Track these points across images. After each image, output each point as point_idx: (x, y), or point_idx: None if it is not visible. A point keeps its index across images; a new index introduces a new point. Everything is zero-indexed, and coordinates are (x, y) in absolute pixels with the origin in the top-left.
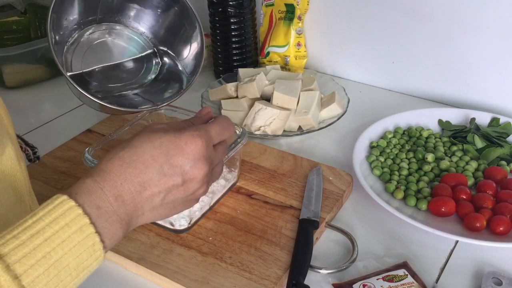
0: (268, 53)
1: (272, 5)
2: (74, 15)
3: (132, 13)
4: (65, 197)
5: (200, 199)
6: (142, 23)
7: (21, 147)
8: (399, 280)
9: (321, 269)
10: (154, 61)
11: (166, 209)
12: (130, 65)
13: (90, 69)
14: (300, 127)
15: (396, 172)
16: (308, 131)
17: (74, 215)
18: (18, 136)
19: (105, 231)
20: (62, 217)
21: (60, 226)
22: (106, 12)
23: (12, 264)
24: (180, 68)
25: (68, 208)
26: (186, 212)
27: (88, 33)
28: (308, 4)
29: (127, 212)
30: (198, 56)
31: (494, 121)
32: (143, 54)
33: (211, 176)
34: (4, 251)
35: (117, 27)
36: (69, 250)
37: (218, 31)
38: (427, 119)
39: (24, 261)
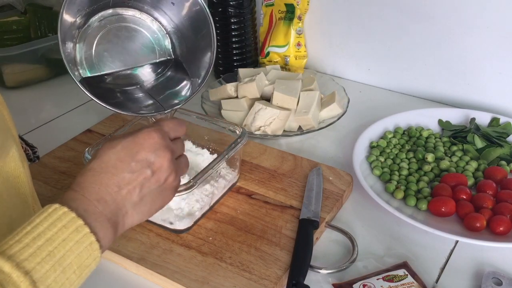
0: (268, 53)
1: (272, 5)
2: (85, 6)
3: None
4: (56, 205)
5: (200, 199)
6: (159, 11)
7: (21, 146)
8: (399, 280)
9: (321, 269)
10: (165, 43)
11: (146, 203)
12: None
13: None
14: (300, 127)
15: (396, 172)
16: (308, 131)
17: (69, 218)
18: (19, 136)
19: (98, 230)
20: (58, 220)
21: (58, 228)
22: None
23: (21, 262)
24: (187, 72)
25: (62, 213)
26: (186, 209)
27: (98, 19)
28: (308, 4)
29: (112, 212)
30: (207, 65)
31: (494, 121)
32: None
33: (177, 165)
34: (11, 253)
35: (131, 12)
36: (69, 249)
37: (218, 31)
38: (427, 119)
39: (31, 259)
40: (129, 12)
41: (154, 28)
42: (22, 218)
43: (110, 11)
